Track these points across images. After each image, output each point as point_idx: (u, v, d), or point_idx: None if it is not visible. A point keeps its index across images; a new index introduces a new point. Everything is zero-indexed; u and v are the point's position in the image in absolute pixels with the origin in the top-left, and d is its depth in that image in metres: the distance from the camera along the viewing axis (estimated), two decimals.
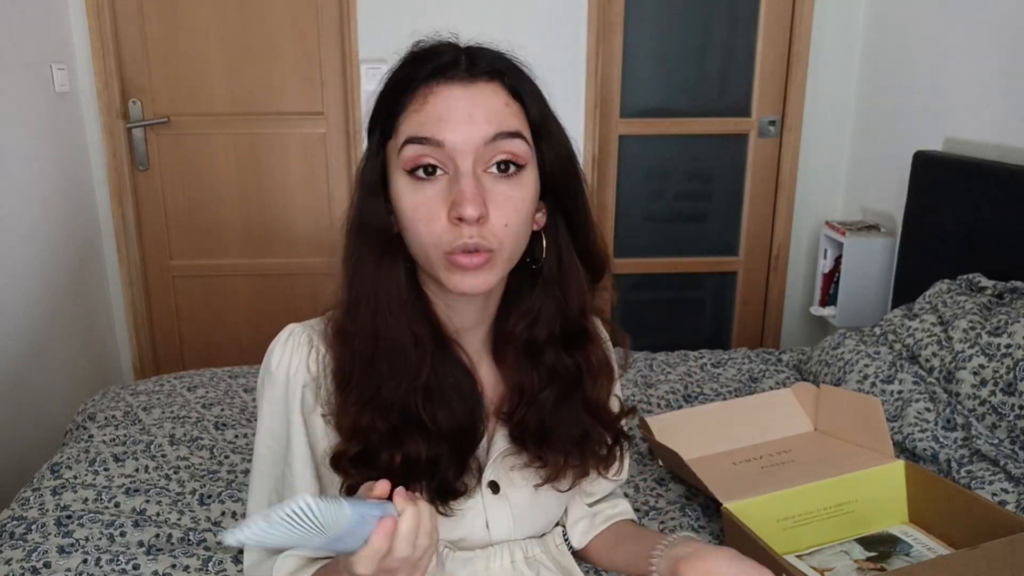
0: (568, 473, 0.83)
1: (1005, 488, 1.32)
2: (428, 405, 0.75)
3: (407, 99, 0.71)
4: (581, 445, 0.82)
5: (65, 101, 2.49)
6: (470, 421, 0.79)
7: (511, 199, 0.71)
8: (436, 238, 0.70)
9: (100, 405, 1.75)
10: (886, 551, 1.16)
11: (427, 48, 0.74)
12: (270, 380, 0.80)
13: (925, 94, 2.36)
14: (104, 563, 1.19)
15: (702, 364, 2.02)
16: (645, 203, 2.94)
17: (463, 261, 0.70)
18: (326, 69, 2.68)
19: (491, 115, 0.70)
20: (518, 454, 0.82)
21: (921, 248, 2.21)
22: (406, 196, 0.71)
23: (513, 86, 0.73)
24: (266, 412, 0.81)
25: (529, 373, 0.80)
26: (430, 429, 0.75)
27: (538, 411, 0.80)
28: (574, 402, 0.81)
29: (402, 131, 0.71)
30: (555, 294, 0.79)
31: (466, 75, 0.70)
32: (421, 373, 0.75)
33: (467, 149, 0.69)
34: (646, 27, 2.75)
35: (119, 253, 2.73)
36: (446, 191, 0.70)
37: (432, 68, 0.70)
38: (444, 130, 0.69)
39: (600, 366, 0.83)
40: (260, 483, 0.83)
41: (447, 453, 0.76)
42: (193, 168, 2.74)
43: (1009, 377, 1.46)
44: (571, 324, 0.81)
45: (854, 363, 1.73)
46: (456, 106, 0.69)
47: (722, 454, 1.44)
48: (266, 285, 2.85)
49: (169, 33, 2.62)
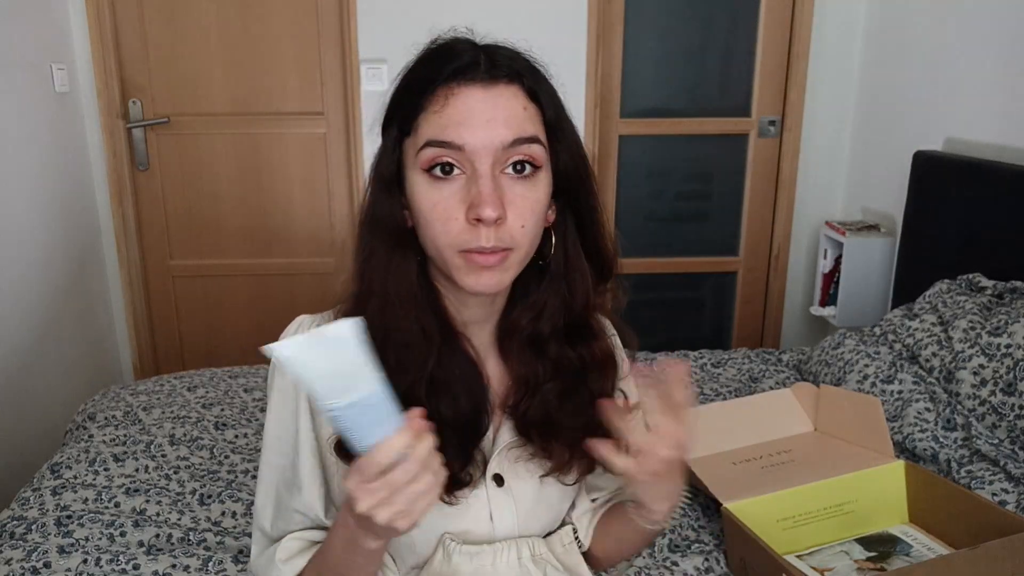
0: (574, 466, 0.83)
1: (1005, 488, 1.32)
2: (432, 396, 0.76)
3: (427, 99, 0.72)
4: (586, 434, 0.82)
5: (65, 101, 2.49)
6: (474, 412, 0.80)
7: (527, 199, 0.72)
8: (453, 237, 0.71)
9: (100, 405, 1.75)
10: (886, 551, 1.16)
11: (445, 46, 0.74)
12: (280, 370, 0.81)
13: (925, 94, 2.36)
14: (104, 563, 1.19)
15: (702, 364, 2.02)
16: (645, 203, 2.94)
17: (479, 259, 0.71)
18: (326, 69, 2.68)
19: (510, 119, 0.71)
20: (523, 446, 0.83)
21: (921, 248, 2.21)
22: (423, 194, 0.72)
23: (531, 88, 0.74)
24: (275, 401, 0.82)
25: (533, 365, 0.82)
26: (433, 419, 0.76)
27: (542, 403, 0.81)
28: (579, 395, 0.82)
29: (422, 132, 0.72)
30: (560, 290, 0.81)
31: (486, 77, 0.71)
32: (428, 365, 0.76)
33: (486, 152, 0.70)
34: (646, 27, 2.75)
35: (119, 253, 2.73)
36: (464, 191, 0.71)
37: (453, 68, 0.71)
38: (464, 134, 0.70)
39: (603, 359, 0.84)
40: (268, 472, 0.84)
41: (452, 443, 0.77)
42: (193, 168, 2.74)
43: (1009, 377, 1.46)
44: (575, 319, 0.82)
45: (854, 363, 1.73)
46: (476, 108, 0.70)
47: (722, 454, 1.44)
48: (266, 285, 2.85)
49: (169, 33, 2.62)
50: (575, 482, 0.87)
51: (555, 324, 0.81)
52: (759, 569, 1.08)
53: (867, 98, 2.71)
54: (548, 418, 0.81)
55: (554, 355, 0.81)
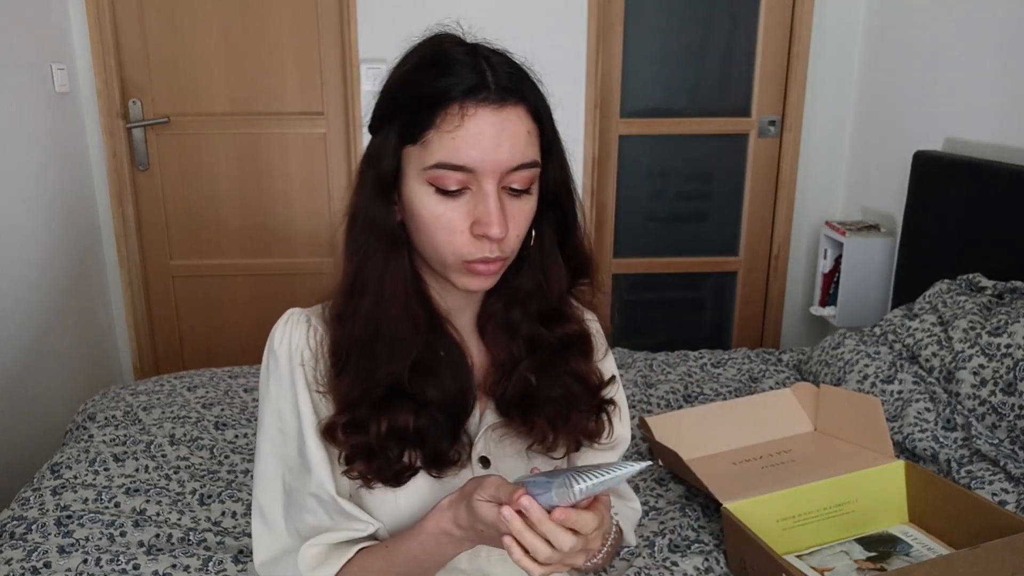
0: (559, 441, 0.86)
1: (1005, 488, 1.32)
2: (417, 380, 0.80)
3: (438, 115, 0.73)
4: (566, 408, 0.86)
5: (65, 101, 2.49)
6: (460, 392, 0.83)
7: (523, 213, 0.78)
8: (455, 248, 0.76)
9: (100, 405, 1.76)
10: (886, 551, 1.16)
11: (443, 53, 0.76)
12: (274, 359, 0.83)
13: (925, 94, 2.36)
14: (104, 563, 1.19)
15: (702, 364, 2.02)
16: (645, 203, 2.94)
17: (480, 268, 0.77)
18: (326, 69, 2.68)
19: (515, 145, 0.74)
20: (507, 426, 0.86)
21: (921, 248, 2.21)
22: (428, 206, 0.76)
23: (535, 109, 0.77)
24: (273, 392, 0.83)
25: (509, 347, 0.86)
26: (421, 401, 0.80)
27: (520, 379, 0.85)
28: (555, 368, 0.86)
29: (433, 150, 0.74)
30: (537, 277, 0.85)
31: (496, 98, 0.74)
32: (414, 352, 0.80)
33: (493, 174, 0.74)
34: (646, 27, 2.75)
35: (119, 253, 2.73)
36: (469, 206, 0.75)
37: (465, 88, 0.73)
38: (475, 157, 0.73)
39: (577, 337, 0.88)
40: (272, 465, 0.84)
41: (440, 423, 0.81)
42: (193, 168, 2.74)
43: (1009, 377, 1.46)
44: (549, 306, 0.86)
45: (854, 363, 1.73)
46: (488, 132, 0.73)
47: (722, 454, 1.44)
48: (266, 285, 2.85)
49: (169, 33, 2.62)
50: (563, 456, 0.89)
51: (529, 309, 0.85)
52: (759, 569, 1.08)
53: (867, 98, 2.71)
54: (527, 394, 0.85)
55: (527, 334, 0.85)
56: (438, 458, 0.81)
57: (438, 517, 0.75)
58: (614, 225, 2.92)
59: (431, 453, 0.81)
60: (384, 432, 0.78)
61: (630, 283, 3.01)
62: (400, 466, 0.80)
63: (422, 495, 0.82)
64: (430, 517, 0.76)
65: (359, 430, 0.79)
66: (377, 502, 0.83)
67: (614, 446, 0.94)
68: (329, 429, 0.80)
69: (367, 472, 0.80)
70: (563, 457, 0.89)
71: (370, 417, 0.79)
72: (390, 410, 0.79)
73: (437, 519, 0.75)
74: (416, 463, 0.80)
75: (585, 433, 0.88)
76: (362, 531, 0.82)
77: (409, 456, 0.80)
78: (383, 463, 0.79)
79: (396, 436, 0.79)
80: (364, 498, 0.83)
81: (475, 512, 0.70)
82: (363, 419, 0.79)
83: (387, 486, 0.81)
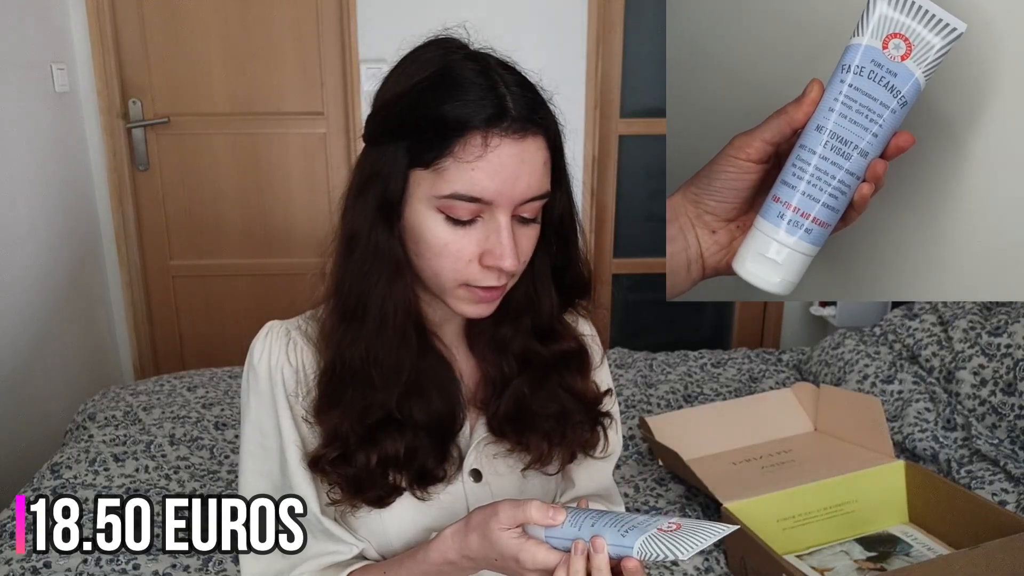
0: (554, 456, 0.84)
1: (1005, 488, 1.32)
2: (406, 404, 0.78)
3: (456, 144, 0.69)
4: (562, 424, 0.84)
5: (65, 101, 2.49)
6: (449, 411, 0.81)
7: (530, 240, 0.76)
8: (461, 273, 0.73)
9: (100, 405, 1.76)
10: (886, 551, 1.16)
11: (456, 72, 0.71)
12: (254, 375, 0.82)
13: None
14: (104, 563, 1.19)
15: (702, 364, 2.02)
16: (645, 203, 2.94)
17: (484, 295, 0.74)
18: (326, 69, 2.68)
19: (532, 179, 0.71)
20: (499, 442, 0.84)
21: None
22: (436, 233, 0.72)
23: (552, 138, 0.74)
24: (253, 407, 0.82)
25: (500, 364, 0.83)
26: (407, 425, 0.78)
27: (513, 397, 0.83)
28: (550, 384, 0.84)
29: (449, 179, 0.70)
30: (528, 293, 0.82)
31: (519, 128, 0.70)
32: (406, 375, 0.77)
33: (508, 205, 0.71)
34: (646, 27, 2.75)
35: (119, 253, 2.72)
36: (480, 235, 0.72)
37: (486, 117, 0.69)
38: (492, 189, 0.70)
39: (572, 351, 0.86)
40: (256, 481, 0.82)
41: (427, 443, 0.79)
42: (193, 168, 2.74)
43: (1009, 377, 1.46)
44: (540, 321, 0.83)
45: (854, 363, 1.73)
46: (508, 164, 0.70)
47: (722, 454, 1.44)
48: (266, 285, 2.85)
49: (169, 33, 2.61)
50: (557, 471, 0.87)
51: (520, 325, 0.83)
52: (759, 569, 1.08)
53: None
54: (521, 410, 0.83)
55: (519, 350, 0.83)
56: (425, 477, 0.79)
57: (442, 547, 0.73)
58: (614, 225, 2.92)
59: (417, 473, 0.78)
60: (373, 464, 0.76)
61: (630, 283, 3.01)
62: (384, 489, 0.78)
63: (407, 513, 0.81)
64: (434, 547, 0.74)
65: (346, 462, 0.77)
66: (361, 521, 0.81)
67: (608, 457, 0.93)
68: (315, 462, 0.78)
69: (352, 500, 0.78)
70: (557, 472, 0.87)
71: (359, 450, 0.76)
72: (379, 440, 0.77)
73: (442, 549, 0.73)
74: (401, 484, 0.78)
75: (581, 446, 0.87)
76: (346, 553, 0.81)
77: (394, 478, 0.78)
78: (368, 488, 0.78)
79: (384, 464, 0.77)
80: (348, 516, 0.82)
81: (494, 542, 0.68)
82: (351, 452, 0.76)
83: (371, 507, 0.79)
